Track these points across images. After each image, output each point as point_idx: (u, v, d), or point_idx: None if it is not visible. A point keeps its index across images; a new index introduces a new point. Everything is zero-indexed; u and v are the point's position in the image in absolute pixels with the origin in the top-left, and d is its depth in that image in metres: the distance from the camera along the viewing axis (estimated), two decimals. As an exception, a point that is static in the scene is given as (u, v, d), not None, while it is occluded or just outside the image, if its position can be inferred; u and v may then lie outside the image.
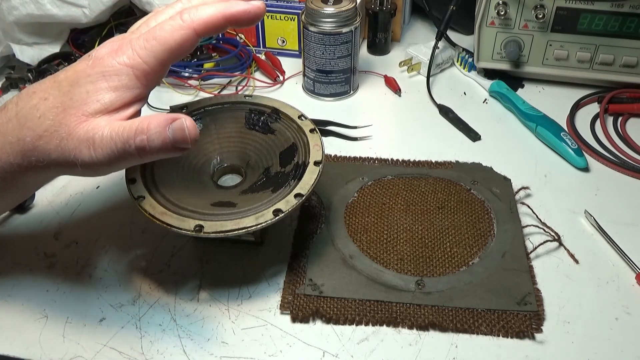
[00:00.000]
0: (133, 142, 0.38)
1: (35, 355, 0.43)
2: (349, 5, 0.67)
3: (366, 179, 0.57)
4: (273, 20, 0.78)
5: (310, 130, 0.51)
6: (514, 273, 0.48)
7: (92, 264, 0.50)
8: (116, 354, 0.43)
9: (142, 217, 0.44)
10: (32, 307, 0.46)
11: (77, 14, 0.72)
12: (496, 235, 0.51)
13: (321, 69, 0.70)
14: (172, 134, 0.38)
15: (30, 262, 0.50)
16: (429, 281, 0.47)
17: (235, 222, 0.43)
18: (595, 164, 0.62)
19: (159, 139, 0.38)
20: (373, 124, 0.66)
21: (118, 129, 0.38)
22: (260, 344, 0.43)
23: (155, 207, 0.44)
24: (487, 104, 0.72)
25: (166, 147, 0.38)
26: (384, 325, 0.45)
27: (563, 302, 0.46)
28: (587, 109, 0.70)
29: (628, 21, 0.66)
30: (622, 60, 0.69)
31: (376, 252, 0.50)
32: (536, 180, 0.59)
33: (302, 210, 0.54)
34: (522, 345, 0.43)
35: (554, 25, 0.69)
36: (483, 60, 0.74)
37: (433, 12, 0.83)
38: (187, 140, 0.38)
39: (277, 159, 0.50)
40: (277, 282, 0.48)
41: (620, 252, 0.50)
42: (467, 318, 0.45)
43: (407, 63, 0.77)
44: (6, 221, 0.54)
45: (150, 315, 0.45)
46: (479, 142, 0.65)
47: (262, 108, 0.54)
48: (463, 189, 0.57)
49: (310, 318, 0.45)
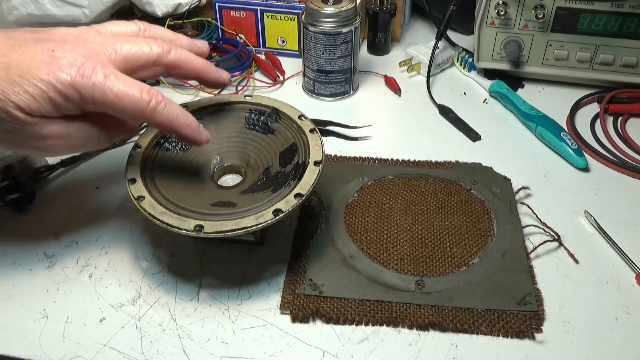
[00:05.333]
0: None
1: (35, 355, 0.43)
2: (349, 5, 0.67)
3: (366, 179, 0.58)
4: (273, 20, 0.78)
5: (310, 130, 0.51)
6: (514, 273, 0.48)
7: (92, 264, 0.50)
8: (116, 354, 0.43)
9: (142, 217, 0.44)
10: (32, 307, 0.46)
11: (77, 14, 0.72)
12: (496, 235, 0.51)
13: (321, 69, 0.70)
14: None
15: (30, 262, 0.50)
16: (429, 281, 0.47)
17: (235, 222, 0.43)
18: (595, 164, 0.62)
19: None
20: (373, 124, 0.66)
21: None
22: (260, 344, 0.43)
23: (155, 207, 0.44)
24: (487, 104, 0.72)
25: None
26: (384, 325, 0.45)
27: (563, 302, 0.46)
28: (587, 109, 0.70)
29: (628, 21, 0.66)
30: (622, 60, 0.69)
31: (376, 252, 0.50)
32: (536, 180, 0.59)
33: (302, 210, 0.54)
34: (522, 345, 0.43)
35: (554, 25, 0.69)
36: (483, 60, 0.74)
37: (433, 12, 0.83)
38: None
39: (277, 159, 0.50)
40: (277, 282, 0.48)
41: (620, 252, 0.50)
42: (467, 318, 0.45)
43: (407, 63, 0.77)
44: (6, 221, 0.54)
45: (150, 315, 0.45)
46: (479, 142, 0.65)
47: (262, 108, 0.54)
48: (463, 189, 0.57)
49: (310, 318, 0.45)
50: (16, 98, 0.38)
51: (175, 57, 0.45)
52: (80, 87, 0.39)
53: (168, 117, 0.43)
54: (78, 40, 0.41)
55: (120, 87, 0.40)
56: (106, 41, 0.42)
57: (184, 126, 0.44)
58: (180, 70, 0.46)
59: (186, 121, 0.44)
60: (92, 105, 0.40)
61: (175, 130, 0.44)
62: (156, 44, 0.44)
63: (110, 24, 0.45)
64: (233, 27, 0.80)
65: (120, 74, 0.41)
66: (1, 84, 0.38)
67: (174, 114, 0.43)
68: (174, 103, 0.43)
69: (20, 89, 0.38)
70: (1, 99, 0.37)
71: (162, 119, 0.42)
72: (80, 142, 0.42)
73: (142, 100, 0.41)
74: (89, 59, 0.39)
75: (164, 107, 0.42)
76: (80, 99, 0.39)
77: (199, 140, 0.46)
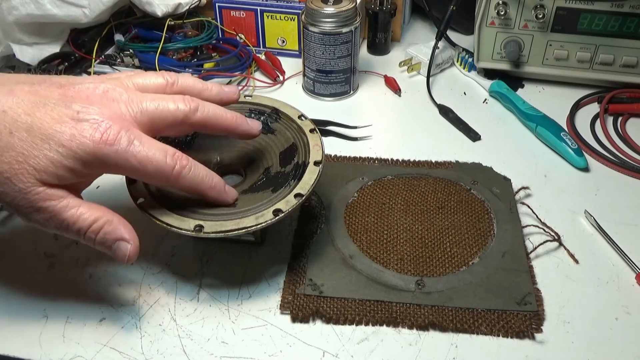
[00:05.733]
0: (83, 238, 0.39)
1: (35, 355, 0.43)
2: (349, 5, 0.67)
3: (366, 179, 0.58)
4: (273, 20, 0.78)
5: (310, 130, 0.51)
6: (514, 273, 0.48)
7: (92, 264, 0.50)
8: (116, 354, 0.43)
9: (142, 217, 0.44)
10: (32, 307, 0.46)
11: (77, 14, 0.72)
12: (496, 235, 0.51)
13: (321, 69, 0.70)
14: (114, 252, 0.40)
15: (30, 262, 0.50)
16: (429, 281, 0.47)
17: (235, 222, 0.43)
18: (595, 164, 0.62)
19: (102, 248, 0.40)
20: (373, 124, 0.66)
21: (76, 214, 0.39)
22: (260, 344, 0.43)
23: (155, 207, 0.44)
24: (487, 104, 0.72)
25: (105, 252, 0.40)
26: (384, 325, 0.45)
27: (563, 302, 0.46)
28: (587, 109, 0.70)
29: (628, 21, 0.66)
30: (622, 60, 0.69)
31: (376, 252, 0.50)
32: (536, 180, 0.59)
33: (302, 210, 0.54)
34: (522, 345, 0.43)
35: (554, 25, 0.69)
36: (483, 60, 0.74)
37: (433, 12, 0.83)
38: (122, 263, 0.41)
39: (277, 159, 0.50)
40: (277, 282, 0.48)
41: (620, 252, 0.50)
42: (467, 318, 0.45)
43: (407, 63, 0.77)
44: (6, 221, 0.54)
45: (150, 315, 0.45)
46: (479, 142, 0.65)
47: (262, 108, 0.54)
48: (463, 189, 0.57)
49: (310, 318, 0.45)
50: (35, 162, 0.37)
51: (202, 117, 0.43)
52: (102, 154, 0.38)
53: (193, 181, 0.42)
54: (103, 100, 0.40)
55: (144, 153, 0.39)
56: (132, 99, 0.40)
57: (209, 189, 0.43)
58: (208, 128, 0.45)
59: (211, 183, 0.43)
60: (115, 170, 0.40)
61: (200, 194, 0.43)
62: (183, 102, 0.42)
63: (137, 76, 0.44)
64: (233, 27, 0.80)
65: (145, 137, 0.40)
66: (23, 145, 0.37)
67: (198, 178, 0.42)
68: (199, 165, 0.42)
69: (40, 153, 0.37)
70: (20, 161, 0.37)
71: (187, 184, 0.42)
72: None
73: (166, 166, 0.40)
74: (114, 122, 0.38)
75: (188, 171, 0.41)
76: (102, 165, 0.39)
77: (226, 201, 0.45)
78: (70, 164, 0.38)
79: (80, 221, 0.39)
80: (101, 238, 0.40)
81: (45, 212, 0.38)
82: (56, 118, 0.38)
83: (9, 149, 0.37)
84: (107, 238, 0.40)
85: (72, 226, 0.39)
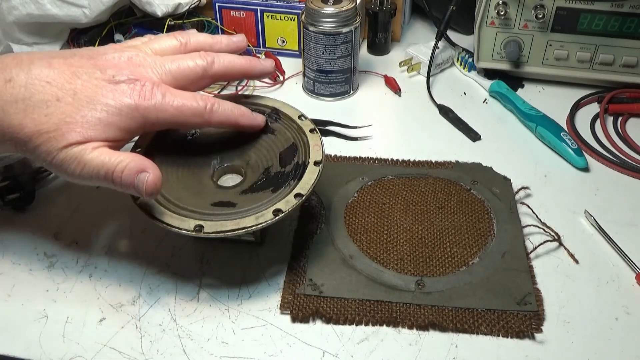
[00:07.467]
0: (111, 176, 0.41)
1: (35, 355, 0.43)
2: (349, 5, 0.67)
3: (366, 179, 0.58)
4: (273, 20, 0.78)
5: (310, 130, 0.51)
6: (514, 273, 0.48)
7: (92, 264, 0.50)
8: (116, 354, 0.43)
9: (142, 217, 0.44)
10: (32, 307, 0.46)
11: (77, 14, 0.72)
12: (496, 235, 0.51)
13: (321, 69, 0.70)
14: (136, 183, 0.41)
15: (30, 262, 0.50)
16: (429, 281, 0.47)
17: (235, 222, 0.43)
18: (595, 164, 0.62)
19: (128, 183, 0.41)
20: (373, 124, 0.66)
21: (105, 159, 0.41)
22: (260, 344, 0.43)
23: (155, 207, 0.44)
24: (487, 104, 0.72)
25: (131, 190, 0.42)
26: (384, 325, 0.45)
27: (563, 302, 0.46)
28: (587, 109, 0.70)
29: (628, 21, 0.66)
30: (622, 60, 0.69)
31: (376, 252, 0.50)
32: (536, 180, 0.59)
33: (302, 210, 0.54)
34: (522, 345, 0.43)
35: (554, 25, 0.69)
36: (483, 60, 0.74)
37: (433, 12, 0.83)
38: (142, 195, 0.41)
39: (277, 159, 0.50)
40: (277, 282, 0.48)
41: (620, 252, 0.50)
42: (467, 318, 0.45)
43: (407, 63, 0.77)
44: (6, 221, 0.54)
45: (150, 315, 0.45)
46: (479, 142, 0.65)
47: (262, 108, 0.54)
48: (463, 189, 0.57)
49: (310, 318, 0.45)
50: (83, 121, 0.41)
51: (220, 67, 0.48)
52: (144, 109, 0.42)
53: (225, 114, 0.47)
54: (130, 66, 0.44)
55: (178, 101, 0.44)
56: (156, 62, 0.45)
57: (240, 116, 0.48)
58: (226, 77, 0.50)
59: (241, 112, 0.48)
60: (156, 122, 0.44)
61: (234, 124, 0.48)
62: (200, 58, 0.47)
63: (152, 42, 0.48)
64: (233, 27, 0.80)
65: (174, 89, 0.44)
66: (70, 109, 0.41)
67: (228, 110, 0.47)
68: (224, 101, 0.47)
69: (87, 113, 0.41)
70: (68, 122, 0.40)
71: (220, 117, 0.46)
72: None
73: (199, 107, 0.45)
74: (145, 81, 0.43)
75: (218, 106, 0.46)
76: (144, 120, 0.43)
77: (258, 124, 0.50)
78: (116, 121, 0.42)
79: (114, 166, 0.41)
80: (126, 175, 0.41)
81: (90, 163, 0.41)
82: (95, 83, 0.42)
83: (58, 113, 0.40)
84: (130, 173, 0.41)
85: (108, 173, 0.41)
